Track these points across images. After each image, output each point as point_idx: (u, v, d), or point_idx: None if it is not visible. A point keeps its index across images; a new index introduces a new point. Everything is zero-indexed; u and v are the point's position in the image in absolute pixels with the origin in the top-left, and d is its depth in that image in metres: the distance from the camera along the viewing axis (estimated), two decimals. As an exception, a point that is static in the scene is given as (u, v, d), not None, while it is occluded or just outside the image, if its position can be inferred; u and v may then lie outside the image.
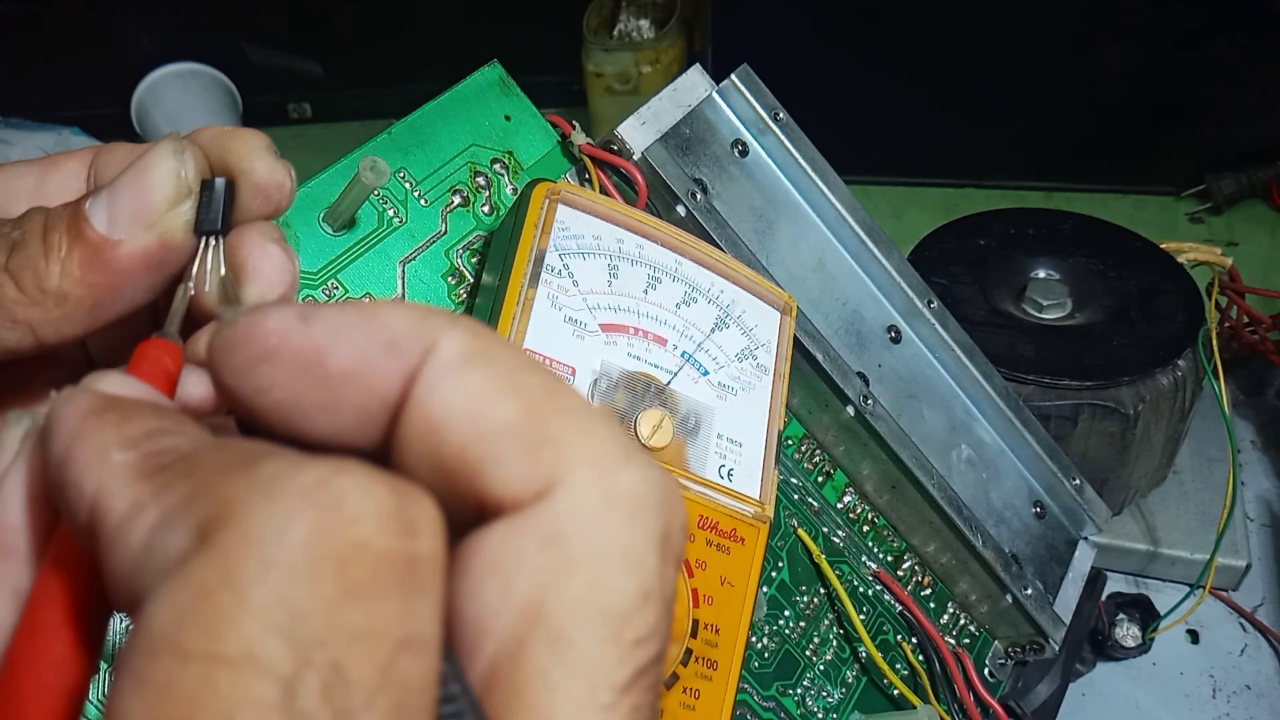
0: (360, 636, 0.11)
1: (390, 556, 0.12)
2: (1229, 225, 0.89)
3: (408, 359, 0.14)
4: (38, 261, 0.18)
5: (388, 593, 0.12)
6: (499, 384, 0.14)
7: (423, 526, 0.13)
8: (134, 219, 0.18)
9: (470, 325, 0.14)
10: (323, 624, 0.11)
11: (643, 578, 0.14)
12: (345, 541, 0.12)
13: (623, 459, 0.14)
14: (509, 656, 0.13)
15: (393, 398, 0.14)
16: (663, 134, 0.40)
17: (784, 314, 0.39)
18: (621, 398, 0.34)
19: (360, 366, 0.14)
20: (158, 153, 0.19)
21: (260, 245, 0.20)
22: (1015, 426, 0.48)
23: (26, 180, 0.21)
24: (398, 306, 0.14)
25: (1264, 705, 0.56)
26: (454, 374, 0.14)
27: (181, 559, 0.12)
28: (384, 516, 0.12)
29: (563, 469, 0.13)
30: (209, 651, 0.11)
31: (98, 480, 0.13)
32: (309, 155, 0.95)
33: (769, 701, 0.41)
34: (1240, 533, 0.61)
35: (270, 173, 0.20)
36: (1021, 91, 0.88)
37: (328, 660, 0.11)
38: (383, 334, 0.14)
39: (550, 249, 0.34)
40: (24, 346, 0.19)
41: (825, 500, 0.45)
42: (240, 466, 0.12)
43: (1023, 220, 0.65)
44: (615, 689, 0.13)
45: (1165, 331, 0.57)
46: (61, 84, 1.02)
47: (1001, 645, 0.49)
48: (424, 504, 0.13)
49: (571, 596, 0.13)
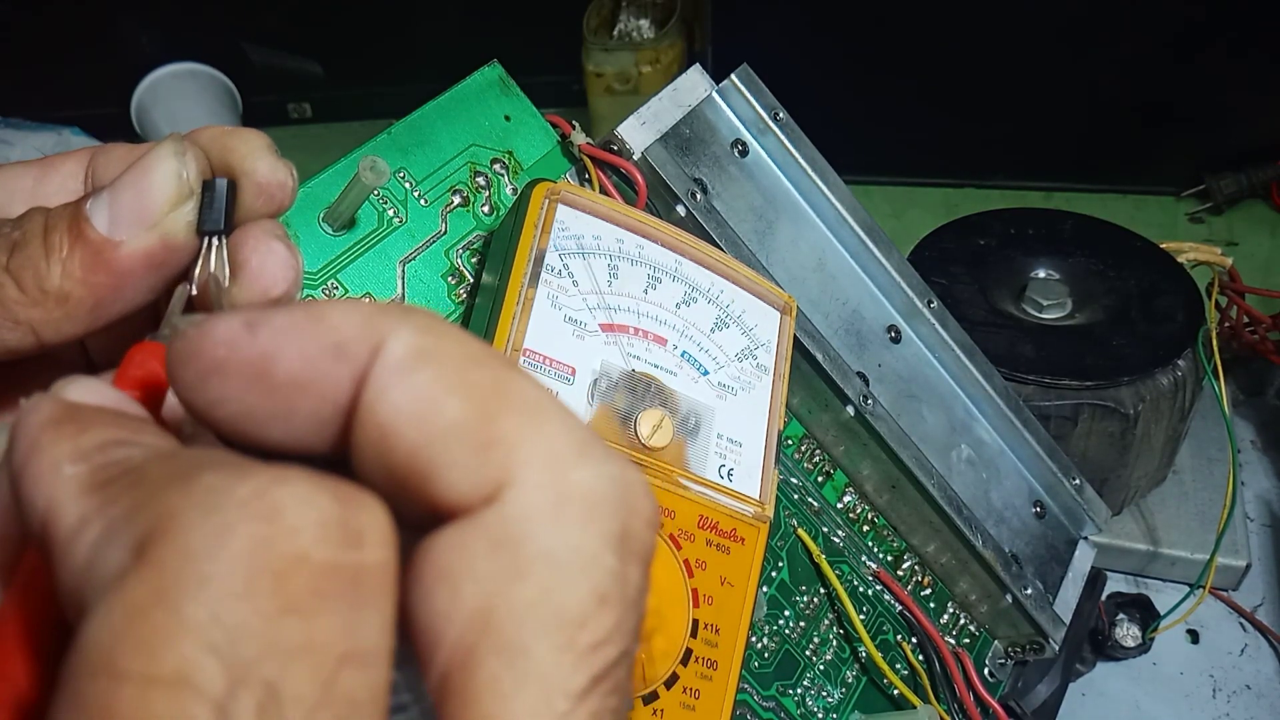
0: (299, 653, 0.11)
1: (332, 569, 0.12)
2: (1229, 225, 0.89)
3: (356, 361, 0.13)
4: (38, 262, 0.18)
5: (329, 607, 0.12)
6: (447, 383, 0.13)
7: (369, 536, 0.12)
8: (136, 220, 0.18)
9: (420, 322, 0.14)
10: (259, 642, 0.11)
11: (597, 580, 0.13)
12: (282, 555, 0.11)
13: (576, 456, 0.13)
14: (460, 666, 0.13)
15: (344, 402, 0.14)
16: (663, 134, 0.40)
17: (784, 314, 0.39)
18: (621, 398, 0.34)
19: (309, 372, 0.13)
20: (159, 154, 0.19)
21: (264, 243, 0.19)
22: (1015, 426, 0.48)
23: (24, 181, 0.21)
24: (345, 306, 0.14)
25: (1264, 705, 0.56)
26: (401, 375, 0.13)
27: (119, 575, 0.11)
28: (325, 527, 0.12)
29: (512, 469, 0.13)
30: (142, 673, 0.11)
31: (49, 493, 0.13)
32: (309, 155, 0.95)
33: (769, 701, 0.41)
34: (1240, 533, 0.61)
35: (272, 172, 0.20)
36: (1021, 91, 0.88)
37: (263, 679, 0.11)
38: (330, 336, 0.14)
39: (550, 249, 0.34)
40: (24, 346, 0.19)
41: (825, 500, 0.45)
42: (179, 479, 0.12)
43: (1023, 220, 0.65)
44: (571, 696, 0.13)
45: (1165, 331, 0.57)
46: (61, 84, 1.02)
47: (1001, 645, 0.49)
48: (371, 512, 0.12)
49: (522, 603, 0.13)
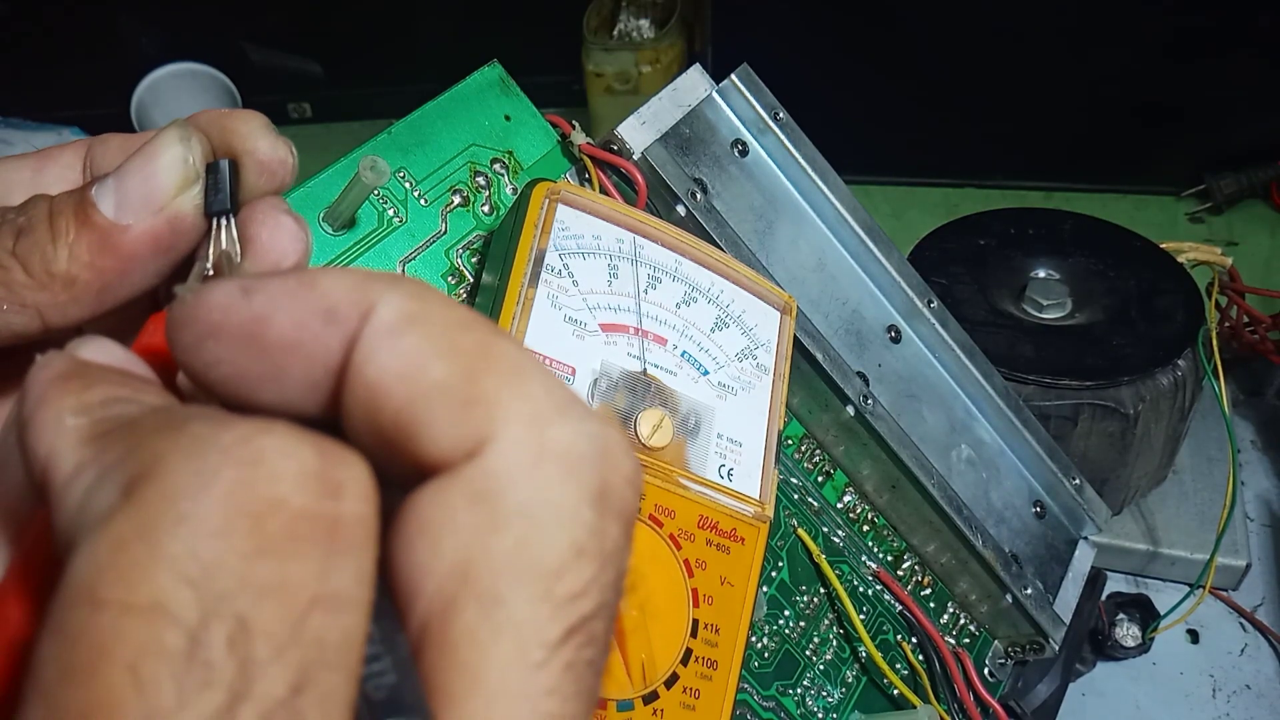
0: (270, 591, 0.12)
1: (309, 515, 0.12)
2: (1229, 225, 0.89)
3: (346, 325, 0.14)
4: (45, 246, 0.19)
5: (303, 551, 0.12)
6: (433, 345, 0.14)
7: (348, 488, 0.13)
8: (143, 204, 0.19)
9: (409, 288, 0.14)
10: (233, 578, 0.11)
11: (575, 533, 0.13)
12: (260, 498, 0.12)
13: (556, 414, 0.14)
14: (439, 616, 0.13)
15: (334, 364, 0.14)
16: (663, 134, 0.40)
17: (784, 314, 0.39)
18: (621, 398, 0.34)
19: (300, 335, 0.14)
20: (164, 139, 0.19)
21: (271, 218, 0.20)
22: (1015, 426, 0.48)
23: (23, 173, 0.21)
24: (337, 273, 0.14)
25: (1264, 705, 0.56)
26: (390, 338, 0.14)
27: (108, 514, 0.12)
28: (304, 476, 0.12)
29: (494, 426, 0.13)
30: (120, 600, 0.11)
31: (50, 443, 0.13)
32: (309, 155, 0.95)
33: (769, 701, 0.41)
34: (1240, 533, 0.61)
35: (273, 150, 0.20)
36: (1021, 91, 0.88)
37: (235, 613, 0.11)
38: (321, 301, 0.14)
39: (550, 249, 0.34)
40: (30, 330, 0.19)
41: (825, 500, 0.45)
42: (169, 428, 0.13)
43: (1023, 220, 0.65)
44: (547, 646, 0.13)
45: (1165, 331, 0.57)
46: (61, 84, 1.02)
47: (1001, 645, 0.49)
48: (351, 467, 0.13)
49: (500, 554, 0.13)
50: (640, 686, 0.31)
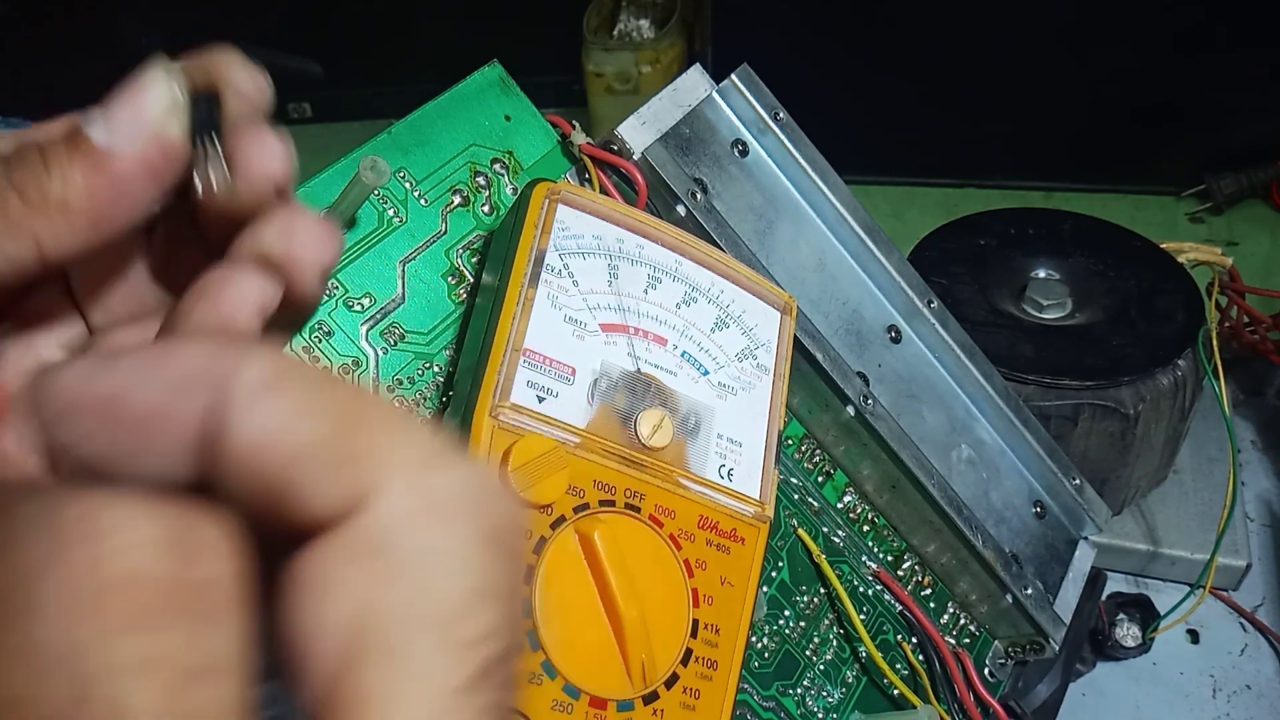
0: (140, 668, 0.11)
1: (167, 584, 0.12)
2: (1229, 225, 0.89)
3: (205, 395, 0.14)
4: (40, 173, 0.19)
5: (166, 621, 0.12)
6: (302, 405, 0.14)
7: (206, 551, 0.12)
8: (133, 130, 0.19)
9: (268, 353, 0.14)
10: (97, 659, 0.11)
11: (471, 577, 0.13)
12: (112, 573, 0.12)
13: (436, 462, 0.14)
14: (335, 678, 0.13)
15: (198, 435, 0.14)
16: (663, 134, 0.40)
17: (784, 314, 0.39)
18: (622, 398, 0.34)
19: (159, 409, 0.14)
20: (148, 74, 0.20)
21: (254, 135, 0.21)
22: (1015, 426, 0.48)
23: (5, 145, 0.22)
24: (192, 345, 0.14)
25: (1264, 705, 0.56)
26: (256, 401, 0.13)
27: None
28: (156, 544, 0.12)
29: (373, 481, 0.13)
30: None
31: None
32: (309, 155, 0.95)
33: (769, 701, 0.41)
34: (1240, 533, 0.61)
35: (251, 80, 0.21)
36: (1021, 91, 0.88)
37: (105, 696, 0.11)
38: (177, 373, 0.14)
39: (550, 249, 0.34)
40: (28, 260, 0.19)
41: (825, 500, 0.45)
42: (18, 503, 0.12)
43: (1023, 220, 0.65)
44: (453, 692, 0.13)
45: (1165, 331, 0.57)
46: (61, 84, 1.02)
47: (1001, 645, 0.49)
48: (208, 529, 0.13)
49: (397, 605, 0.13)
50: (640, 687, 0.31)
